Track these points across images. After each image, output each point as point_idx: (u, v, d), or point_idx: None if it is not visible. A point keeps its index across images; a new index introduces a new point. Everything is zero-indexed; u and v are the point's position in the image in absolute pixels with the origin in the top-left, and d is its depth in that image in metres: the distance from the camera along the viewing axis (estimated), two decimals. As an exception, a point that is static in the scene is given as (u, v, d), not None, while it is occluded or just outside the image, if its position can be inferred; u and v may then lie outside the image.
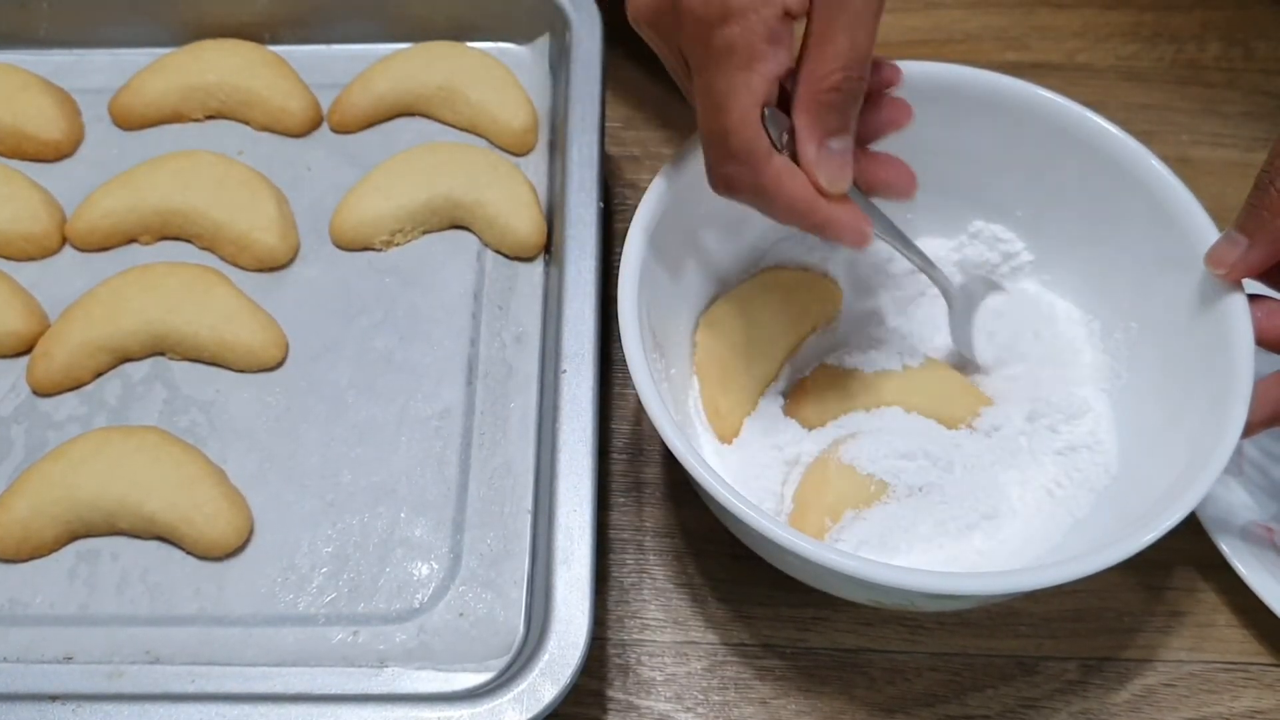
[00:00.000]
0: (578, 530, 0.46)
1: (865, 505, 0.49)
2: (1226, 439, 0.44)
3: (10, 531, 0.49)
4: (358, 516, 0.51)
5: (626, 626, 0.52)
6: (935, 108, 0.53)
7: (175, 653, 0.47)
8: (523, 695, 0.43)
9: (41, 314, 0.55)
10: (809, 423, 0.52)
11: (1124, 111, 0.67)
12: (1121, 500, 0.49)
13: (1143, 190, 0.50)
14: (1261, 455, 0.55)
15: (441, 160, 0.58)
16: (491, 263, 0.58)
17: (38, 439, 0.53)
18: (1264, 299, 0.47)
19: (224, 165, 0.58)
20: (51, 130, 0.60)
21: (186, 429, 0.53)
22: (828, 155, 0.43)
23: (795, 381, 0.54)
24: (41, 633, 0.48)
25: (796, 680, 0.51)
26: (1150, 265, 0.51)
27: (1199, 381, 0.47)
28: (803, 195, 0.43)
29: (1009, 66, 0.61)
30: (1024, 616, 0.52)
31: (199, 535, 0.49)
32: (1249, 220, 0.45)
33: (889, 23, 0.72)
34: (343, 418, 0.53)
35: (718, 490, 0.43)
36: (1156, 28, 0.72)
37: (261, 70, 0.62)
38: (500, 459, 0.52)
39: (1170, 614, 0.53)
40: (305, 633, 0.48)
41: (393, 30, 0.64)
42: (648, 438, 0.57)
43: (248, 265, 0.57)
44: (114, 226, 0.57)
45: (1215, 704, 0.51)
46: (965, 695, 0.51)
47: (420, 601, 0.49)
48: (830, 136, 0.43)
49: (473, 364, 0.55)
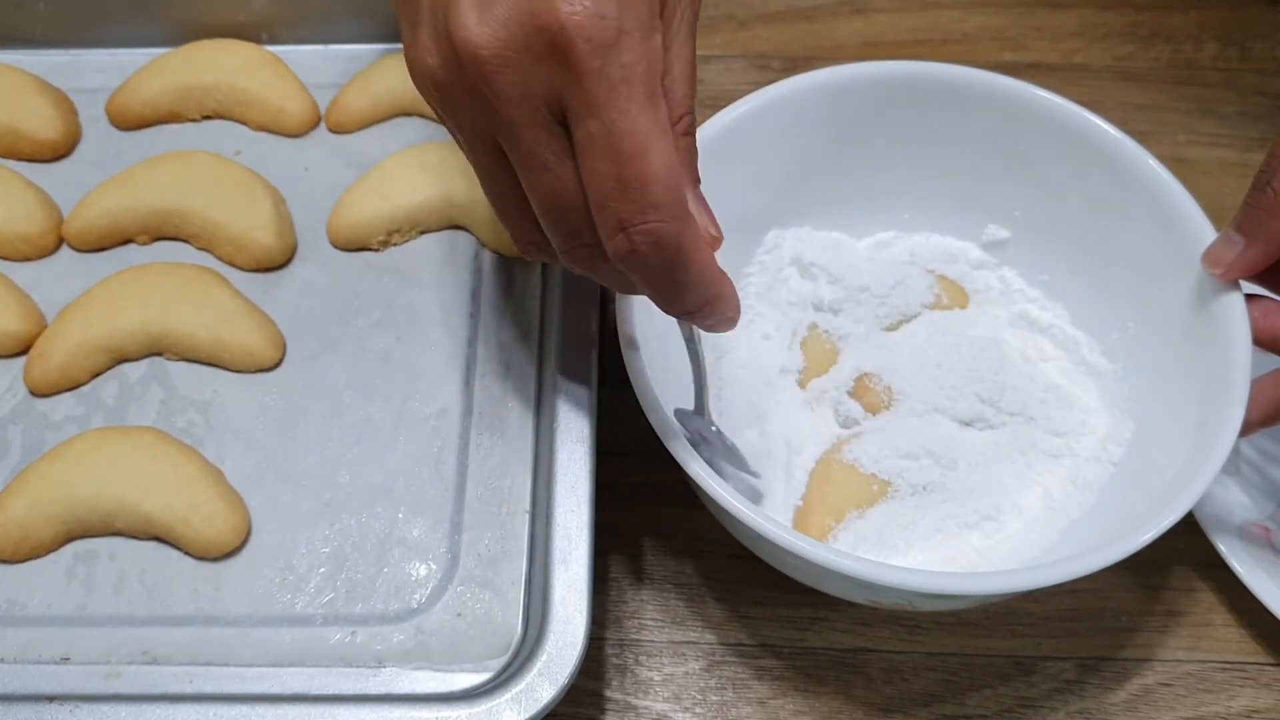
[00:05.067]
0: (576, 530, 0.46)
1: (868, 505, 0.49)
2: (1224, 439, 0.44)
3: (8, 532, 0.49)
4: (355, 517, 0.51)
5: (624, 626, 0.52)
6: (932, 108, 0.53)
7: (173, 653, 0.47)
8: (520, 695, 0.43)
9: (38, 314, 0.55)
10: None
11: (1121, 111, 0.67)
12: (1118, 500, 0.49)
13: (1140, 190, 0.50)
14: (1259, 455, 0.55)
15: (439, 160, 0.58)
16: (489, 263, 0.58)
17: (35, 439, 0.53)
18: (1261, 299, 0.47)
19: (221, 165, 0.58)
20: (48, 130, 0.60)
21: (184, 429, 0.53)
22: (702, 205, 0.39)
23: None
24: (39, 633, 0.48)
25: (794, 680, 0.51)
26: (1147, 266, 0.51)
27: (1196, 381, 0.47)
28: (711, 258, 0.38)
29: (1006, 66, 0.61)
30: (1022, 616, 0.52)
31: (196, 535, 0.49)
32: (1246, 220, 0.45)
33: (886, 22, 0.73)
34: (340, 418, 0.53)
35: (715, 490, 0.43)
36: (1153, 28, 0.72)
37: (259, 70, 0.62)
38: (498, 459, 0.52)
39: (1167, 614, 0.53)
40: (303, 633, 0.48)
41: (391, 30, 0.64)
42: (646, 437, 0.57)
43: (245, 265, 0.57)
44: (111, 227, 0.57)
45: (1212, 703, 0.51)
46: (963, 695, 0.51)
47: (418, 602, 0.48)
48: (697, 184, 0.39)
49: (470, 364, 0.55)
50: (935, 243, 0.57)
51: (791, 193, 0.56)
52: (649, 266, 0.36)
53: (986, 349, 0.53)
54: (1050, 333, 0.55)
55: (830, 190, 0.56)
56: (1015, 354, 0.54)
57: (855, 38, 0.72)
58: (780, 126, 0.53)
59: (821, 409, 0.53)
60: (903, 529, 0.49)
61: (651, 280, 0.37)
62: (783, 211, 0.56)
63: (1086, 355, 0.54)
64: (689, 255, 0.36)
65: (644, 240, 0.35)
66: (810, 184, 0.56)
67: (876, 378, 0.53)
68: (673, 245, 0.35)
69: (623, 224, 0.35)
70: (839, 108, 0.54)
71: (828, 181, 0.56)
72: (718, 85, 0.69)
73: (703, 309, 0.39)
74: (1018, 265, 0.57)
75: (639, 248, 0.35)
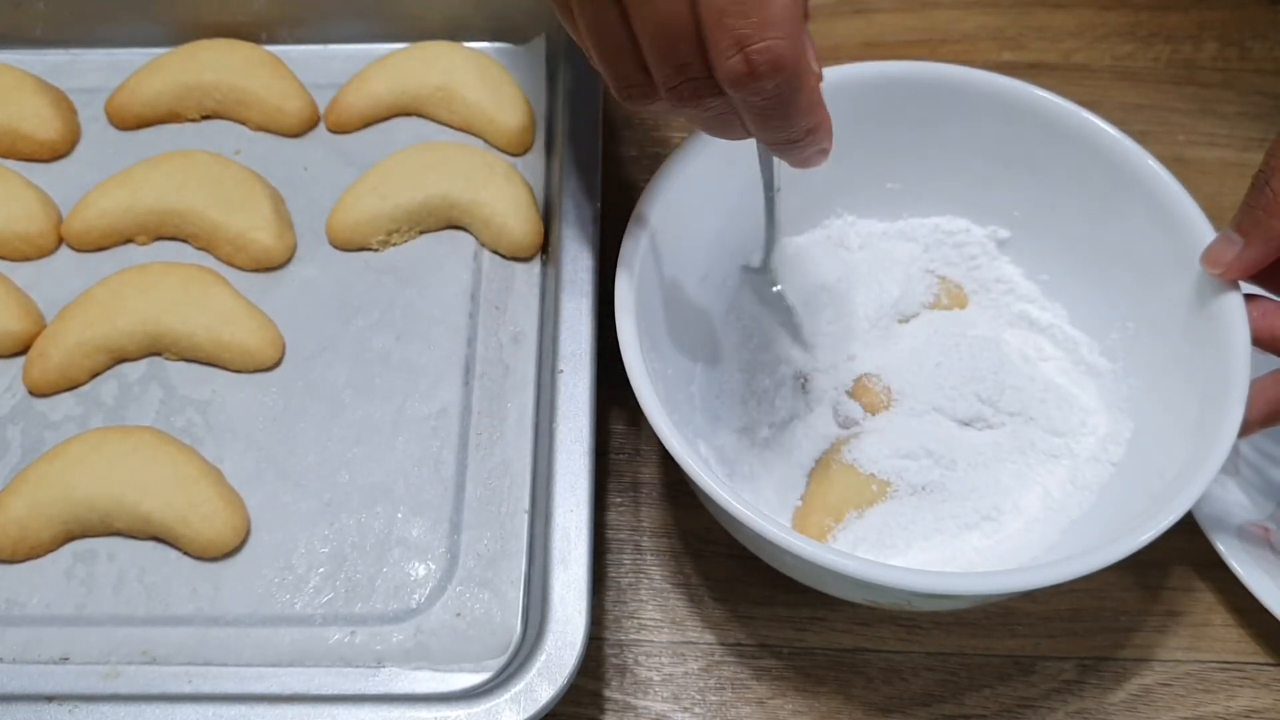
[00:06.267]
0: (575, 530, 0.46)
1: (867, 505, 0.49)
2: (1223, 439, 0.44)
3: (7, 532, 0.49)
4: (355, 516, 0.51)
5: (624, 627, 0.52)
6: (931, 108, 0.53)
7: (172, 653, 0.47)
8: (520, 695, 0.43)
9: (38, 314, 0.55)
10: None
11: (1120, 111, 0.67)
12: (1118, 500, 0.49)
13: (1139, 190, 0.50)
14: (1258, 455, 0.55)
15: (438, 160, 0.58)
16: (488, 263, 0.58)
17: (34, 439, 0.53)
18: (1260, 299, 0.47)
19: (220, 165, 0.58)
20: (47, 130, 0.60)
21: (183, 429, 0.53)
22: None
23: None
24: (38, 633, 0.48)
25: (793, 680, 0.51)
26: (1146, 265, 0.51)
27: (1195, 381, 0.47)
28: (818, 82, 0.38)
29: (1005, 66, 0.61)
30: (1021, 616, 0.52)
31: (195, 535, 0.49)
32: (1245, 220, 0.45)
33: (886, 22, 0.73)
34: (340, 417, 0.53)
35: (715, 490, 0.43)
36: (1153, 28, 0.72)
37: (258, 70, 0.62)
38: (497, 459, 0.52)
39: (1167, 614, 0.53)
40: (302, 633, 0.48)
41: (389, 30, 0.64)
42: (645, 437, 0.57)
43: (244, 265, 0.57)
44: (110, 226, 0.57)
45: (1211, 703, 0.51)
46: (962, 695, 0.51)
47: (417, 602, 0.48)
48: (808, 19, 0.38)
49: (470, 364, 0.55)
50: (935, 242, 0.57)
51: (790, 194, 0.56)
52: (764, 90, 0.36)
53: (986, 349, 0.53)
54: (1050, 332, 0.55)
55: (830, 191, 0.56)
56: (1015, 354, 0.54)
57: (855, 38, 0.72)
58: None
59: (821, 409, 0.53)
60: (902, 529, 0.49)
61: (764, 106, 0.37)
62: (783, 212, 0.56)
63: (1086, 355, 0.54)
64: (805, 76, 0.36)
65: (763, 59, 0.35)
66: (810, 185, 0.56)
67: (876, 378, 0.53)
68: (792, 65, 0.35)
69: (741, 43, 0.35)
70: (838, 108, 0.53)
71: (827, 182, 0.56)
72: (717, 85, 0.69)
73: (806, 136, 0.38)
74: (1017, 265, 0.57)
75: (758, 68, 0.35)
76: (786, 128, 0.38)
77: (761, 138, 0.40)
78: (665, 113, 0.41)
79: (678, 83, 0.38)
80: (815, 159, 0.41)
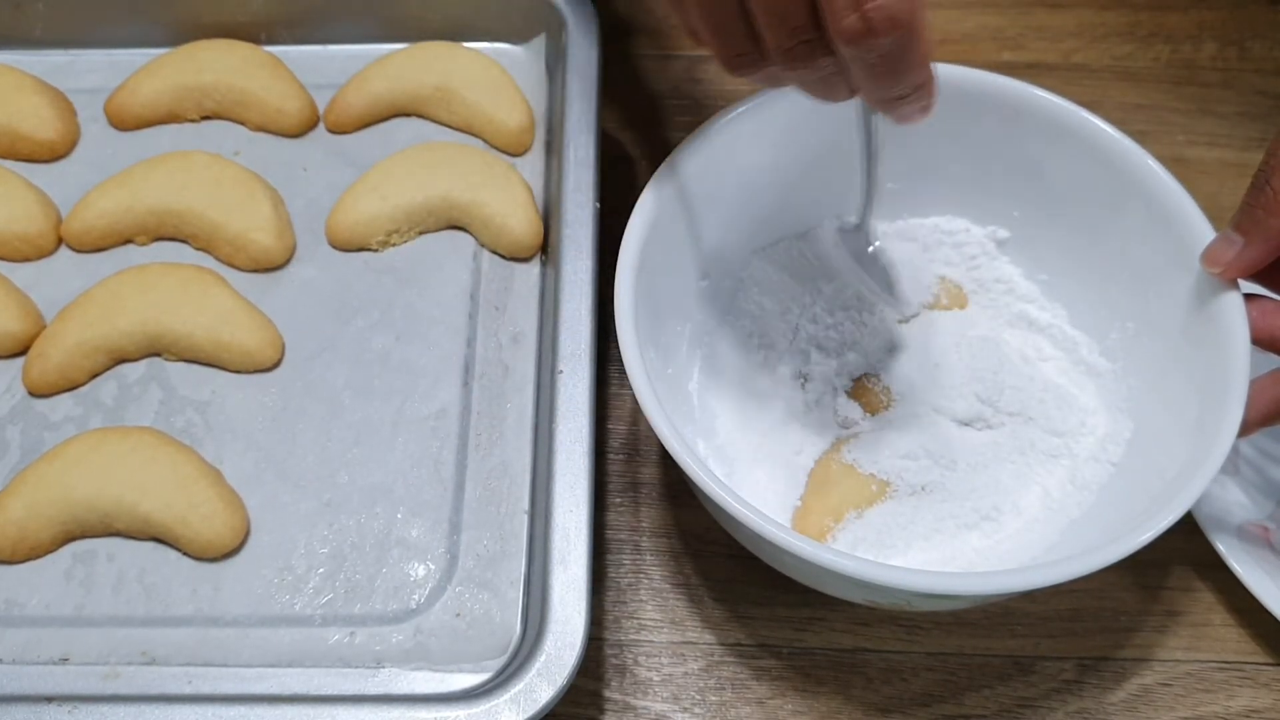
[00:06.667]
0: (574, 531, 0.46)
1: (867, 505, 0.49)
2: (1223, 438, 0.44)
3: (6, 533, 0.49)
4: (354, 517, 0.51)
5: (623, 627, 0.52)
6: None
7: (171, 654, 0.47)
8: (519, 696, 0.43)
9: (37, 315, 0.55)
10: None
11: (1120, 111, 0.67)
12: (1117, 500, 0.49)
13: (1139, 190, 0.50)
14: (1258, 454, 0.55)
15: (438, 161, 0.58)
16: (488, 263, 0.58)
17: (34, 440, 0.52)
18: (1259, 298, 0.47)
19: (220, 166, 0.58)
20: (47, 130, 0.60)
21: (183, 429, 0.53)
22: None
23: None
24: (37, 634, 0.48)
25: (793, 680, 0.51)
26: (1146, 265, 0.51)
27: (1195, 381, 0.47)
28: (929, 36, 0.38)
29: (1005, 66, 0.61)
30: (1021, 616, 0.52)
31: (195, 536, 0.49)
32: (1245, 219, 0.45)
33: (885, 23, 0.73)
34: (339, 418, 0.53)
35: (714, 490, 0.43)
36: (1152, 28, 0.72)
37: (257, 71, 0.62)
38: (497, 459, 0.52)
39: (1166, 613, 0.53)
40: (302, 633, 0.48)
41: (389, 30, 0.64)
42: (644, 438, 0.57)
43: (244, 266, 0.57)
44: (110, 227, 0.57)
45: (1211, 703, 0.51)
46: (962, 695, 0.51)
47: (417, 602, 0.48)
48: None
49: (469, 364, 0.55)
50: (934, 242, 0.57)
51: (791, 194, 0.56)
52: (879, 48, 0.36)
53: (985, 349, 0.53)
54: (1049, 332, 0.55)
55: (829, 191, 0.56)
56: (1014, 354, 0.54)
57: (854, 38, 0.72)
58: (779, 128, 0.53)
59: (820, 409, 0.53)
60: (901, 529, 0.49)
61: (879, 63, 0.37)
62: (781, 212, 0.56)
63: (1085, 355, 0.54)
64: (920, 30, 0.37)
65: (880, 17, 0.35)
66: (810, 185, 0.56)
67: (875, 378, 0.53)
68: (908, 21, 0.36)
69: (858, 3, 0.35)
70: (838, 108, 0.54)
71: (827, 183, 0.56)
72: (718, 86, 0.69)
73: (916, 92, 0.39)
74: (1017, 265, 0.57)
75: (875, 25, 0.36)
76: (896, 85, 0.39)
77: (869, 95, 0.41)
78: (769, 80, 0.42)
79: (792, 44, 0.38)
80: (918, 115, 0.41)
